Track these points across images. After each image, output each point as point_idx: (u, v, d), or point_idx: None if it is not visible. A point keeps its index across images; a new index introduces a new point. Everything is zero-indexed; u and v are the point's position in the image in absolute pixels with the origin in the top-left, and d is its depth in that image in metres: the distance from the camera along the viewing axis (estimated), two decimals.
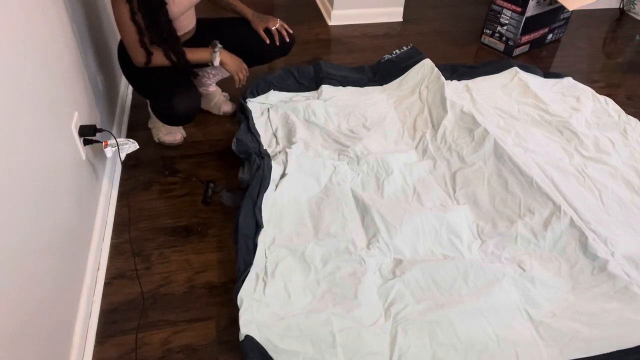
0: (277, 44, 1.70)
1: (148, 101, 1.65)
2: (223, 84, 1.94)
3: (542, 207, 1.39)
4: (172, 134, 1.70)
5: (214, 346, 1.12)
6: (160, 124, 1.68)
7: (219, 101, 1.87)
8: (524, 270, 1.25)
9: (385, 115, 1.82)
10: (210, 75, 1.80)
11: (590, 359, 1.08)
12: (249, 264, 1.22)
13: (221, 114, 1.88)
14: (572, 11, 2.52)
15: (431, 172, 1.58)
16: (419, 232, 1.35)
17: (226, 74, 1.75)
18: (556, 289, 1.22)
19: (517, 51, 2.43)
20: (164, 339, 1.13)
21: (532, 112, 1.87)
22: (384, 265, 1.27)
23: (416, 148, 1.69)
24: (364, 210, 1.41)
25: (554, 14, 2.44)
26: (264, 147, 1.62)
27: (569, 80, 2.09)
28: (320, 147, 1.65)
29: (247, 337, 1.06)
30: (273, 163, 1.51)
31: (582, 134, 1.73)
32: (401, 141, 1.73)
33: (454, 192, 1.51)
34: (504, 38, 2.43)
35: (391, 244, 1.31)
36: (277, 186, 1.45)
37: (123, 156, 1.37)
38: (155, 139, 1.71)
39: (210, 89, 1.85)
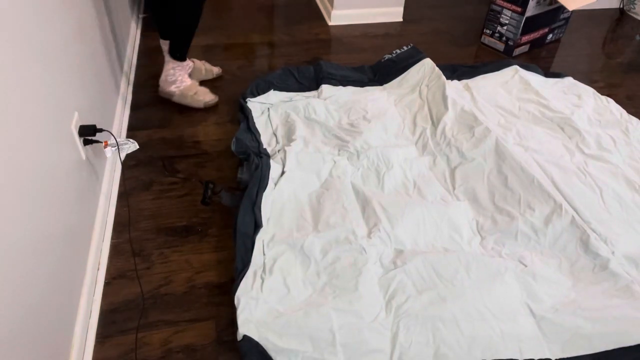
0: None
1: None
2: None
3: (543, 204, 1.39)
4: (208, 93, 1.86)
5: (214, 346, 1.12)
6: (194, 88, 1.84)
7: (203, 67, 1.99)
8: (525, 266, 1.25)
9: (386, 110, 1.82)
10: None
11: (591, 356, 1.08)
12: (247, 262, 1.22)
13: (215, 76, 2.03)
14: (572, 11, 2.51)
15: (431, 169, 1.59)
16: (420, 224, 1.35)
17: None
18: (558, 285, 1.22)
19: (517, 51, 2.43)
20: (164, 339, 1.13)
21: (533, 109, 1.86)
22: (385, 255, 1.27)
23: (416, 144, 1.69)
24: (364, 202, 1.41)
25: (554, 14, 2.44)
26: (264, 147, 1.62)
27: (569, 80, 2.09)
28: (320, 143, 1.65)
29: (245, 337, 1.05)
30: (272, 162, 1.51)
31: (584, 131, 1.72)
32: (401, 135, 1.73)
33: (454, 188, 1.51)
34: (504, 38, 2.43)
35: (392, 233, 1.31)
36: (276, 184, 1.45)
37: (123, 156, 1.37)
38: (202, 105, 1.85)
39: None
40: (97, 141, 1.29)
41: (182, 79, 1.83)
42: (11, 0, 0.91)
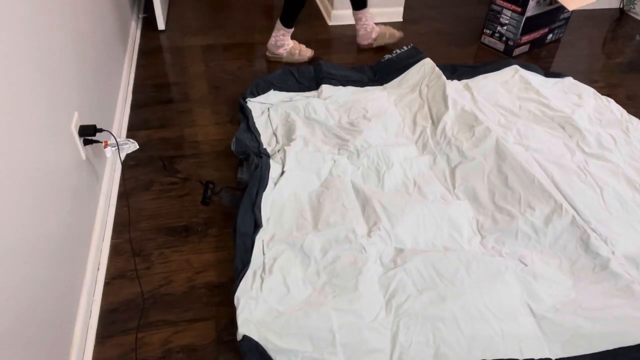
0: None
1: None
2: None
3: (543, 203, 1.39)
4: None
5: (214, 346, 1.12)
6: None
7: (387, 32, 2.34)
8: (526, 265, 1.25)
9: (386, 109, 1.83)
10: None
11: (591, 355, 1.08)
12: (247, 262, 1.22)
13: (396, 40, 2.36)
14: (572, 11, 2.51)
15: (431, 168, 1.59)
16: (420, 223, 1.35)
17: None
18: (558, 284, 1.21)
19: (517, 51, 2.43)
20: (164, 339, 1.13)
21: (534, 107, 1.86)
22: (385, 253, 1.27)
23: (416, 143, 1.69)
24: (364, 200, 1.41)
25: (554, 14, 2.44)
26: (264, 147, 1.62)
27: (569, 80, 2.09)
28: (320, 142, 1.65)
29: (245, 337, 1.05)
30: (272, 162, 1.51)
31: (585, 129, 1.72)
32: (401, 134, 1.73)
33: (454, 187, 1.51)
34: (504, 38, 2.43)
35: (392, 232, 1.31)
36: (275, 184, 1.45)
37: (123, 156, 1.37)
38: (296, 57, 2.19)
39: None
40: (97, 141, 1.29)
41: (287, 42, 2.20)
42: (11, 0, 0.91)
